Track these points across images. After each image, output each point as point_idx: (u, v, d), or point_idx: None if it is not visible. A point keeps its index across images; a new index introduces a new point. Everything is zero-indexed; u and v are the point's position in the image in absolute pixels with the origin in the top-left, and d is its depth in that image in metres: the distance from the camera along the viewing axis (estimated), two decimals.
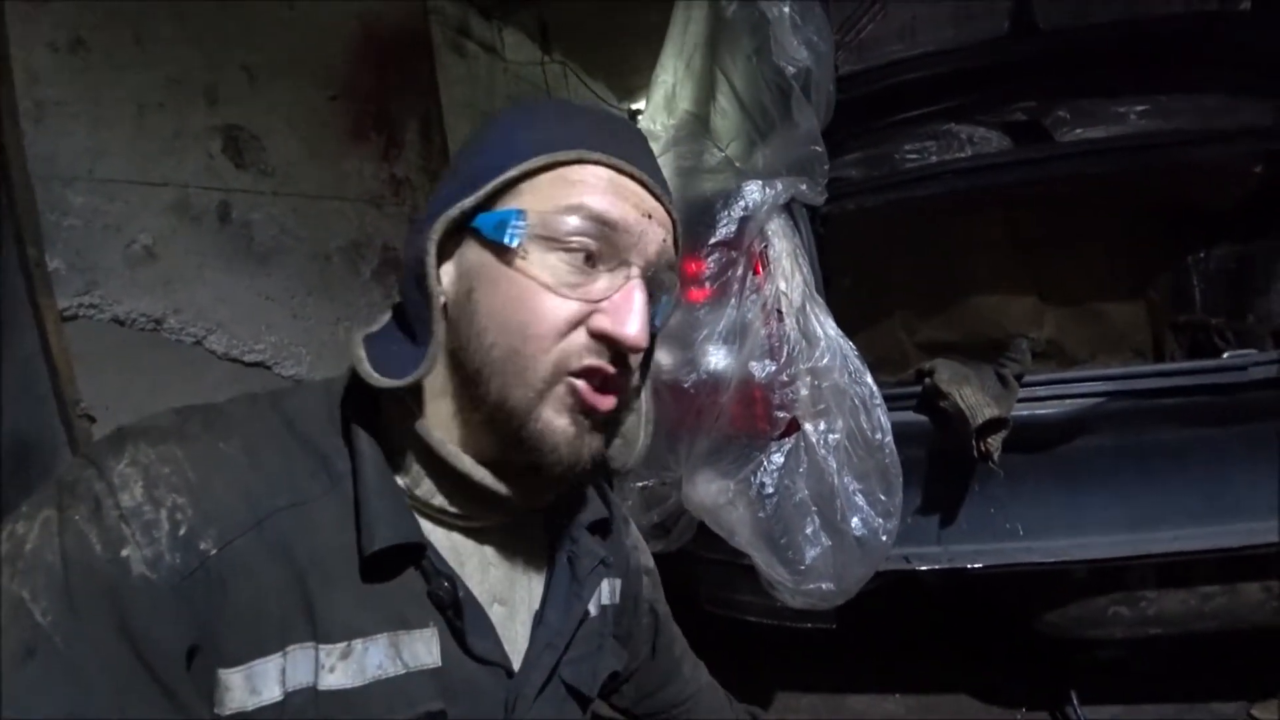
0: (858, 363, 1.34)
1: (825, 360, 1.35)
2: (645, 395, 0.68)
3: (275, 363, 2.12)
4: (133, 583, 0.45)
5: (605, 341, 0.55)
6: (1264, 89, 1.62)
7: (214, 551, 0.48)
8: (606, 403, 0.57)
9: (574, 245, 0.54)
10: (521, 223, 0.54)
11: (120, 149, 1.75)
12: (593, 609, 0.70)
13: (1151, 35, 1.63)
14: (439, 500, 0.58)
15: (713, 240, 1.45)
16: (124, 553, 0.45)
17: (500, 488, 0.58)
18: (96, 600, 0.44)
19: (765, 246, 1.45)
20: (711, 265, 1.45)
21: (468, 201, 0.54)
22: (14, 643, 0.43)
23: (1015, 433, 1.24)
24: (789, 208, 1.49)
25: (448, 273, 0.56)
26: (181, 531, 0.47)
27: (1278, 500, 1.18)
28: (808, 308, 1.40)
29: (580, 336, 0.55)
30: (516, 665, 0.62)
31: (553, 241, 0.54)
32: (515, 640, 0.62)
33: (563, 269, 0.54)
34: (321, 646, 0.51)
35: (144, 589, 0.45)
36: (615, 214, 0.55)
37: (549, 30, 3.03)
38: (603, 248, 0.55)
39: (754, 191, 1.44)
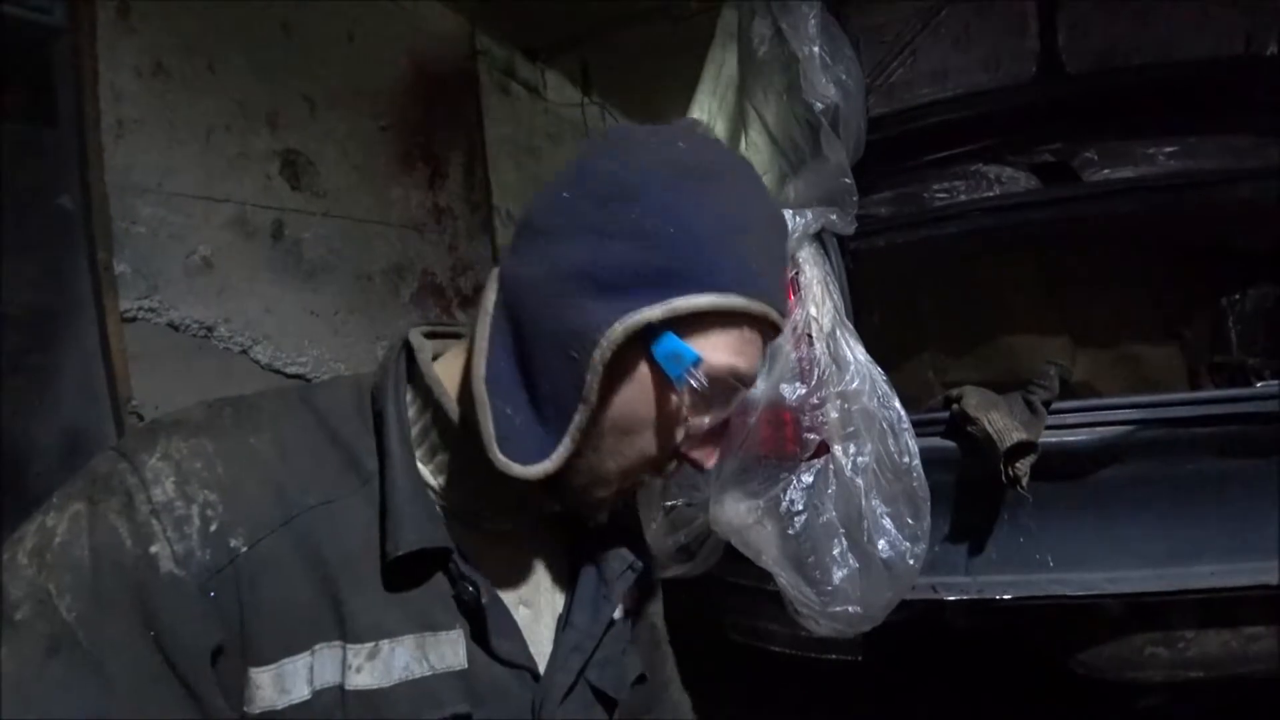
0: (886, 387, 1.35)
1: (855, 384, 1.36)
2: None
3: (314, 376, 2.19)
4: (160, 580, 0.45)
5: (683, 462, 0.59)
6: None
7: (244, 549, 0.48)
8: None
9: (701, 393, 0.54)
10: (696, 371, 0.53)
11: (188, 166, 1.87)
12: (617, 613, 0.69)
13: (1178, 79, 1.66)
14: (468, 501, 0.58)
15: None
16: (153, 549, 0.45)
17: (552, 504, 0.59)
18: (124, 596, 0.44)
19: (796, 273, 1.49)
20: None
21: (657, 313, 0.51)
22: (39, 639, 0.43)
23: (1045, 460, 1.23)
24: (820, 237, 1.53)
25: None
26: (213, 528, 0.47)
27: None
28: (838, 333, 1.43)
29: (670, 454, 0.58)
30: (542, 668, 0.61)
31: (699, 391, 0.54)
32: (541, 643, 0.62)
33: (690, 409, 0.56)
34: (349, 646, 0.51)
35: (171, 586, 0.45)
36: (752, 375, 0.57)
37: (590, 72, 3.17)
38: (728, 395, 0.56)
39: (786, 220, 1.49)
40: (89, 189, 1.66)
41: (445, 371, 0.59)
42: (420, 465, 0.57)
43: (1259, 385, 1.25)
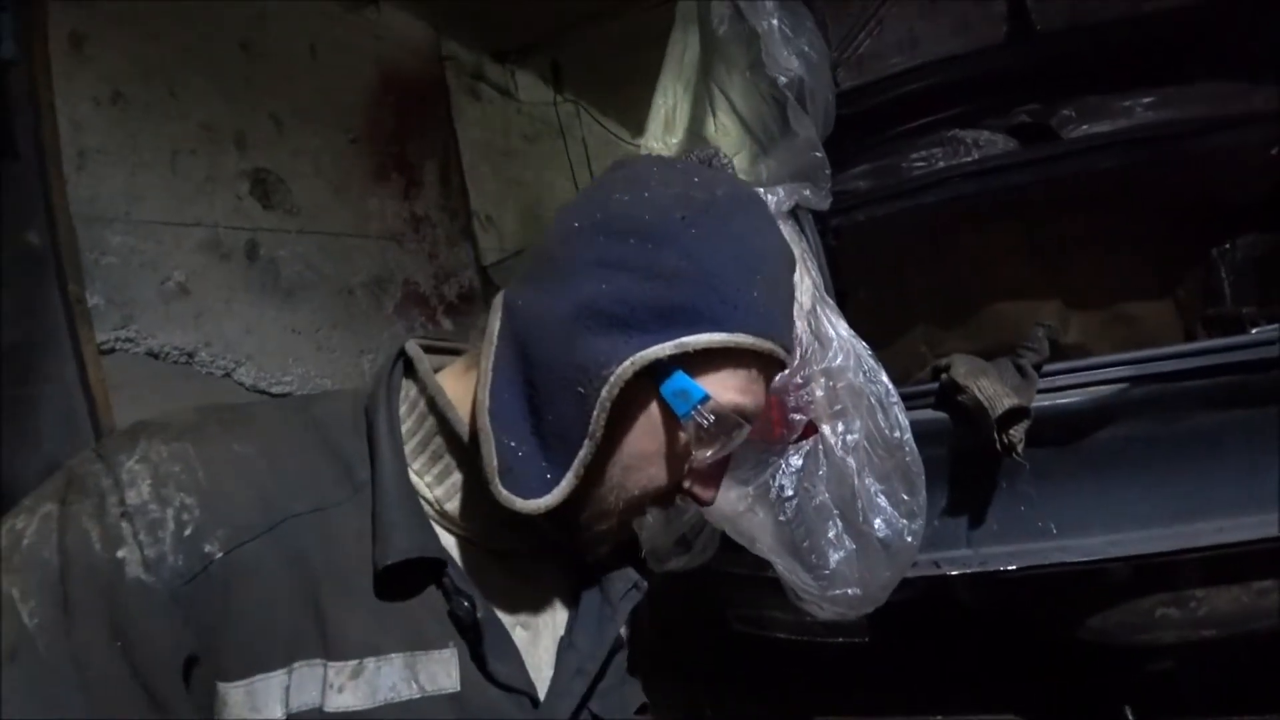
0: (872, 362, 1.32)
1: (839, 360, 1.33)
2: None
3: (301, 393, 2.17)
4: (127, 585, 0.43)
5: (685, 496, 0.59)
6: (1267, 74, 1.60)
7: (219, 554, 0.46)
8: None
9: (708, 428, 0.54)
10: (703, 409, 0.53)
11: (155, 192, 1.84)
12: (621, 633, 0.66)
13: (1149, 29, 1.63)
14: (469, 515, 0.57)
15: None
16: (120, 553, 0.44)
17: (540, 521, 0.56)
18: (92, 600, 0.43)
19: None
20: None
21: (667, 351, 0.51)
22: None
23: (1039, 425, 1.21)
24: (795, 214, 1.50)
25: None
26: (187, 532, 0.45)
27: None
28: (818, 310, 1.40)
29: (673, 488, 0.58)
30: (541, 694, 0.58)
31: (704, 427, 0.54)
32: (539, 667, 0.59)
33: (695, 445, 0.55)
34: (331, 664, 0.48)
35: (137, 591, 0.44)
36: (757, 413, 0.57)
37: (561, 71, 3.15)
38: (732, 432, 0.56)
39: None
40: (55, 222, 1.64)
41: (447, 385, 0.58)
42: (415, 475, 0.56)
43: (1254, 332, 1.21)
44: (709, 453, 0.56)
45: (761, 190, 1.44)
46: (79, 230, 1.68)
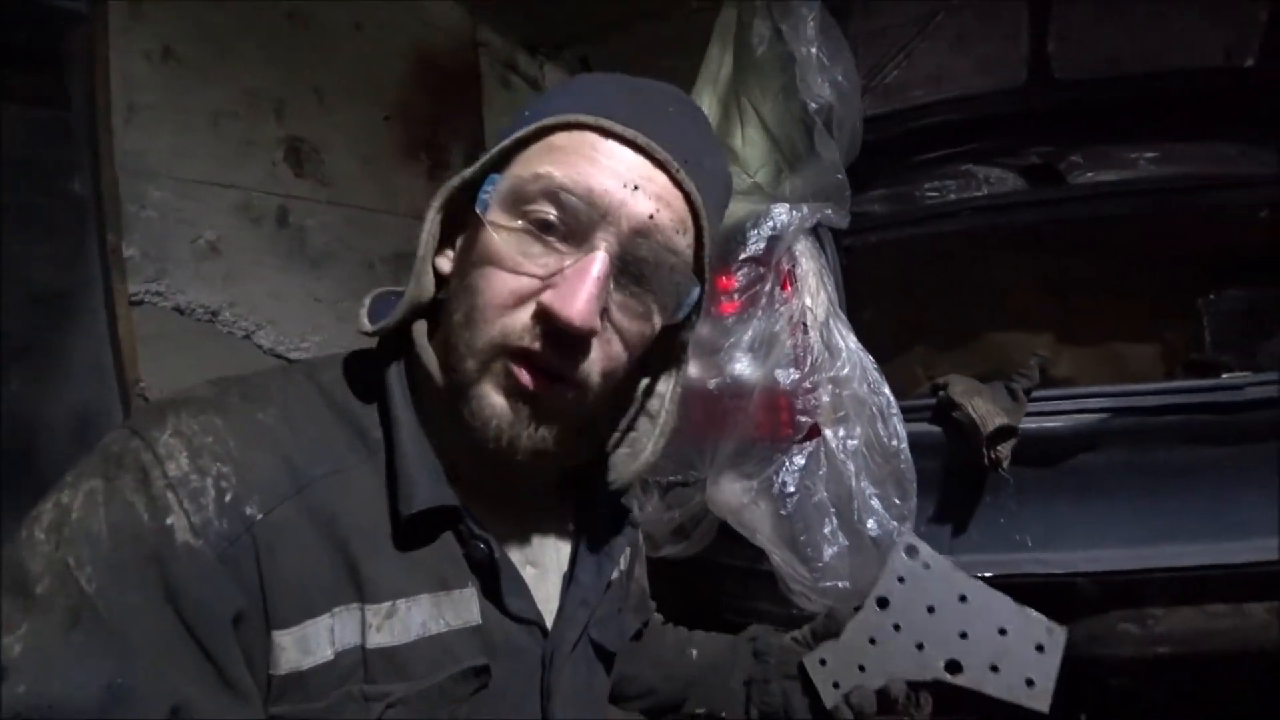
0: (876, 374, 1.41)
1: (846, 370, 1.42)
2: (667, 404, 0.65)
3: (302, 360, 2.22)
4: (177, 550, 0.46)
5: (547, 321, 0.52)
6: (1267, 140, 1.71)
7: (260, 516, 0.49)
8: (544, 388, 0.53)
9: (532, 215, 0.52)
10: (491, 189, 0.54)
11: (197, 152, 1.90)
12: (615, 573, 0.72)
13: (1162, 87, 1.73)
14: (469, 462, 0.59)
15: (743, 257, 1.54)
16: (169, 521, 0.46)
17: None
18: (142, 567, 0.45)
19: (793, 265, 1.55)
20: (742, 280, 1.55)
21: (468, 171, 0.55)
22: (60, 611, 0.44)
23: (1025, 446, 1.29)
24: (815, 231, 1.59)
25: (457, 244, 0.59)
26: (228, 498, 0.48)
27: (1277, 518, 1.22)
28: (831, 322, 1.48)
29: (525, 314, 0.53)
30: (549, 624, 0.64)
31: (516, 211, 0.53)
32: (548, 601, 0.65)
33: (525, 240, 0.53)
34: (367, 606, 0.53)
35: (188, 556, 0.46)
36: (585, 183, 0.52)
37: (590, 68, 3.22)
38: (563, 218, 0.52)
39: (782, 214, 1.54)
40: (99, 173, 1.69)
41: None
42: (425, 430, 0.58)
43: (1224, 377, 1.31)
44: (550, 254, 0.53)
45: (788, 205, 1.52)
46: (122, 182, 1.73)
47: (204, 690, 0.46)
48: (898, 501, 1.32)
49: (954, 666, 0.76)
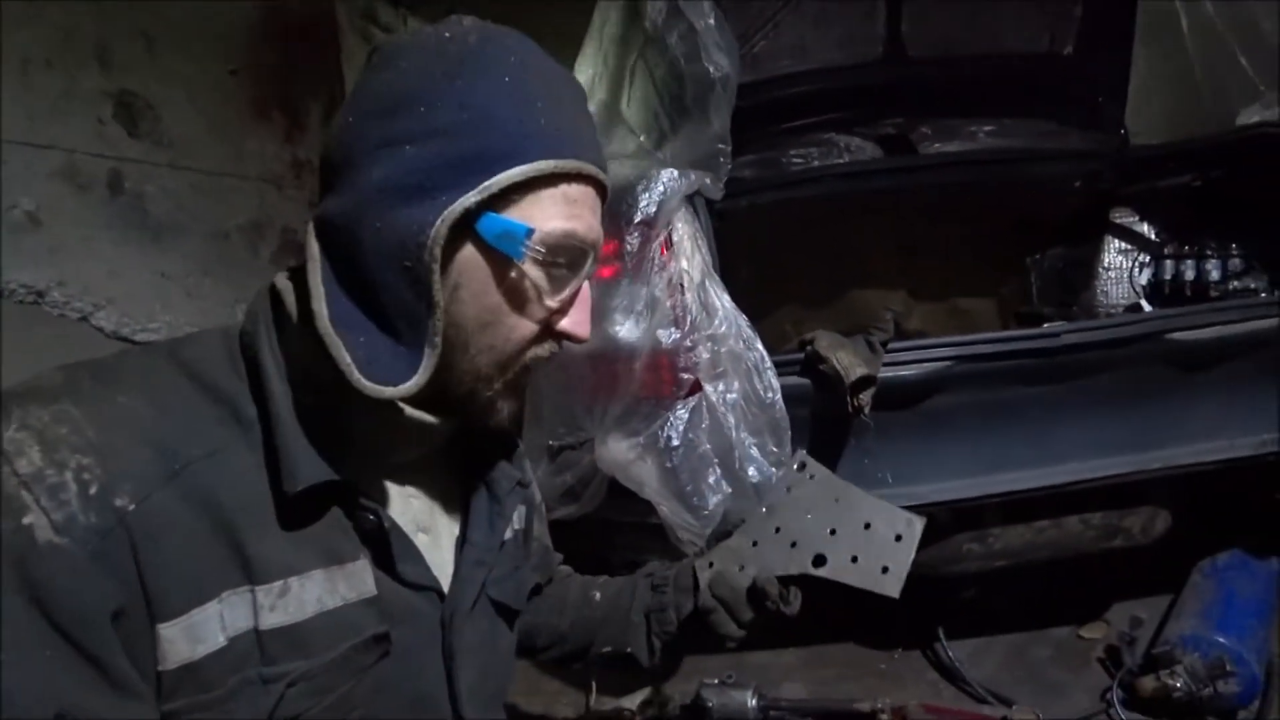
0: (750, 332, 1.48)
1: (722, 329, 1.48)
2: None
3: (160, 339, 2.03)
4: (40, 550, 0.44)
5: (562, 338, 0.61)
6: (1082, 120, 1.95)
7: (132, 507, 0.47)
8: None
9: (558, 263, 0.56)
10: (533, 243, 0.54)
11: (3, 105, 1.65)
12: (509, 532, 0.73)
13: (999, 68, 1.91)
14: (359, 436, 0.58)
15: (637, 220, 1.56)
16: (26, 520, 0.44)
17: (430, 419, 0.59)
18: (3, 573, 0.43)
19: (670, 230, 1.59)
20: (630, 246, 1.57)
21: (472, 199, 0.52)
22: None
23: (883, 392, 1.42)
24: (690, 198, 1.63)
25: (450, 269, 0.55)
26: (93, 490, 0.46)
27: (1089, 443, 1.42)
28: (706, 283, 1.54)
29: (543, 336, 0.60)
30: (446, 588, 0.65)
31: (537, 256, 0.55)
32: (443, 565, 0.66)
33: (543, 283, 0.57)
34: (258, 588, 0.51)
35: (52, 555, 0.44)
36: (592, 236, 0.58)
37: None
38: (572, 261, 0.58)
39: (671, 179, 1.57)
40: None
41: None
42: (303, 405, 0.56)
43: (1044, 326, 1.50)
44: (561, 288, 0.58)
45: (675, 171, 1.54)
46: None
47: (89, 694, 0.44)
48: (775, 449, 1.41)
49: (819, 560, 0.82)
